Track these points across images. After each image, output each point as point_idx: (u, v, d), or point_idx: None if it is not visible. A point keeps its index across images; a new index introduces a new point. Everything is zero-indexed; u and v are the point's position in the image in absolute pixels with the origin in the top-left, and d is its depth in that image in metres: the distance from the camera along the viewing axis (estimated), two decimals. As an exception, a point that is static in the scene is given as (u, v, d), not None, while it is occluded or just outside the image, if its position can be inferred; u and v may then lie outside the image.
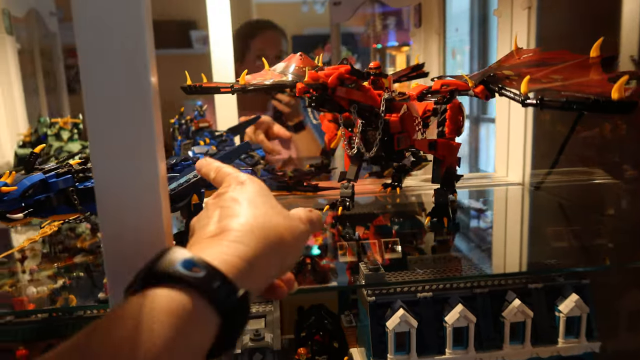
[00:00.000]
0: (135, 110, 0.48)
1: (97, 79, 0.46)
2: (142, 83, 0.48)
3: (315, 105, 0.76)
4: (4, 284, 0.90)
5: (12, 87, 1.55)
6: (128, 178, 0.51)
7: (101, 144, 0.48)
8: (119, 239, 0.53)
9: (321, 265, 0.96)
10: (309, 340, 1.01)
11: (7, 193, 0.60)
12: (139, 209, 0.52)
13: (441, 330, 0.88)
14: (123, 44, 0.46)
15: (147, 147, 0.50)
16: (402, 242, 0.95)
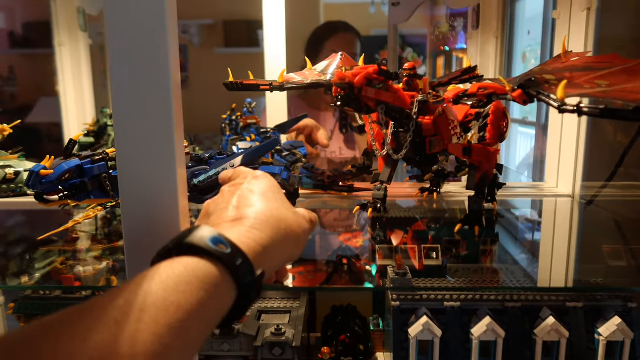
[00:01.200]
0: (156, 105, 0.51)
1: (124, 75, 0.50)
2: (163, 80, 0.51)
3: (341, 105, 0.76)
4: (54, 262, 0.97)
5: (83, 80, 1.66)
6: (148, 168, 0.54)
7: (125, 136, 0.52)
8: (138, 224, 0.56)
9: (358, 266, 0.96)
10: (334, 339, 1.01)
11: (46, 176, 0.65)
12: (157, 196, 0.55)
13: (467, 342, 0.85)
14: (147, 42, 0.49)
15: (166, 139, 0.53)
16: (436, 249, 0.93)
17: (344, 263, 0.96)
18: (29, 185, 0.65)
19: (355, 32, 1.98)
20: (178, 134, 0.56)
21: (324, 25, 2.06)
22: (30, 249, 1.00)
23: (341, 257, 0.97)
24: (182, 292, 0.36)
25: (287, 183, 0.97)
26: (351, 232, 1.10)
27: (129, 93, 0.51)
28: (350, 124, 1.86)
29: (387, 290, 0.92)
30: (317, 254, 0.99)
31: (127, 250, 0.57)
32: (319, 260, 0.97)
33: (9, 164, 0.90)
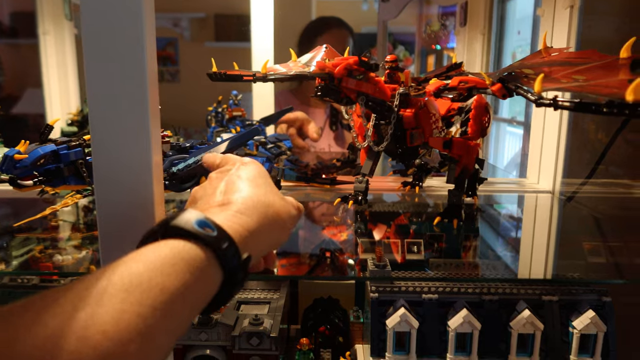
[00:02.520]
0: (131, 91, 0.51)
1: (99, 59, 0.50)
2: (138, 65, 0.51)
3: (320, 95, 0.76)
4: (33, 250, 0.96)
5: (67, 70, 1.65)
6: (123, 153, 0.54)
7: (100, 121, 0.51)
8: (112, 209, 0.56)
9: (340, 259, 0.96)
10: (313, 331, 1.01)
11: (20, 160, 0.64)
12: (132, 182, 0.55)
13: (444, 334, 0.86)
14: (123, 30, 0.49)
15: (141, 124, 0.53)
16: (417, 243, 0.93)
17: (327, 256, 0.96)
18: (2, 170, 0.64)
19: (348, 29, 1.98)
20: (154, 120, 0.55)
21: (317, 21, 2.06)
22: (6, 236, 0.99)
23: (324, 250, 0.98)
24: (167, 274, 0.35)
25: (270, 174, 0.97)
26: (335, 226, 1.10)
27: (104, 78, 0.51)
28: (340, 121, 1.86)
29: (366, 280, 0.92)
30: (300, 247, 1.00)
31: (101, 236, 0.57)
32: (302, 252, 0.97)
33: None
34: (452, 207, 0.88)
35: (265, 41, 1.54)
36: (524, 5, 3.35)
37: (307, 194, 1.13)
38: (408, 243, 0.95)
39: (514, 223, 1.11)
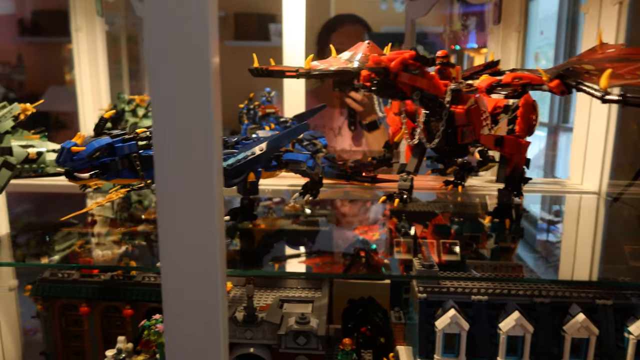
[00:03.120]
0: (195, 88, 0.50)
1: (162, 56, 0.49)
2: (203, 63, 0.50)
3: (375, 90, 0.74)
4: (73, 245, 0.96)
5: (98, 65, 1.65)
6: (185, 151, 0.53)
7: (163, 118, 0.50)
8: (173, 207, 0.55)
9: (376, 259, 0.94)
10: (355, 331, 0.99)
11: (77, 153, 0.63)
12: (194, 180, 0.54)
13: (495, 337, 0.84)
14: (188, 27, 0.48)
15: (205, 123, 0.52)
16: (460, 244, 0.92)
17: (362, 255, 0.95)
18: (60, 162, 0.64)
19: (363, 24, 1.95)
20: (217, 124, 0.54)
21: (332, 19, 2.04)
22: (49, 230, 0.99)
23: (358, 250, 0.96)
24: None
25: (312, 171, 0.96)
26: (369, 225, 1.08)
27: (167, 82, 0.50)
28: (360, 121, 1.84)
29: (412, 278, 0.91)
30: (334, 246, 0.98)
31: (161, 237, 0.56)
32: (336, 252, 0.95)
33: (31, 143, 0.89)
34: (503, 206, 0.86)
35: (297, 39, 1.53)
36: (548, 4, 3.31)
37: (346, 191, 1.12)
38: (449, 243, 0.93)
39: (560, 224, 1.08)
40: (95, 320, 1.02)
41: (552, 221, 1.11)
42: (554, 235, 1.03)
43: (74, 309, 1.02)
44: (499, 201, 0.87)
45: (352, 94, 1.76)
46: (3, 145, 0.85)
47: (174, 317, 0.59)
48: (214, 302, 0.58)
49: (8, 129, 0.85)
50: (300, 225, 1.03)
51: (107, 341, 1.04)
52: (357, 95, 1.74)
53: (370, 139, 1.82)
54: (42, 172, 0.91)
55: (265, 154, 0.81)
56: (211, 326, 0.59)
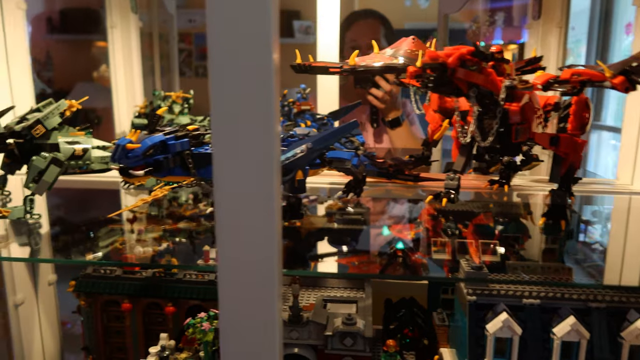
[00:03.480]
0: (257, 88, 0.49)
1: (224, 56, 0.47)
2: (265, 62, 0.48)
3: (432, 87, 0.72)
4: (115, 241, 0.96)
5: (133, 62, 1.66)
6: (246, 149, 0.51)
7: (222, 119, 0.49)
8: (231, 210, 0.54)
9: (413, 259, 0.92)
10: (398, 333, 0.97)
11: (132, 150, 0.63)
12: (254, 181, 0.52)
13: (548, 342, 0.81)
14: (249, 24, 0.47)
15: (266, 123, 0.50)
16: (504, 245, 0.89)
17: (398, 255, 0.93)
18: (115, 159, 0.63)
19: (378, 18, 1.88)
20: (277, 118, 0.53)
21: (348, 15, 2.00)
22: (93, 226, 0.99)
23: (395, 249, 0.94)
24: None
25: (356, 169, 0.94)
26: (406, 224, 1.06)
27: (228, 75, 0.49)
28: (382, 118, 1.81)
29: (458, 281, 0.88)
30: (371, 245, 0.97)
31: (218, 237, 0.55)
32: (372, 251, 0.94)
33: (77, 140, 0.89)
34: (558, 207, 0.83)
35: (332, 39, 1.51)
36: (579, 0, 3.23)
37: (387, 190, 1.10)
38: (496, 244, 0.91)
39: (610, 225, 1.04)
40: (136, 316, 1.02)
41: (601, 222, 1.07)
42: (604, 237, 0.99)
43: (115, 305, 1.03)
44: (552, 202, 0.84)
45: (373, 91, 1.72)
46: (51, 142, 0.85)
47: (230, 317, 0.58)
48: (271, 302, 0.57)
49: (55, 125, 0.85)
50: (338, 223, 1.02)
51: (148, 337, 1.04)
52: (379, 92, 1.71)
53: (393, 136, 1.78)
54: (87, 168, 0.91)
55: (314, 151, 0.79)
56: (268, 326, 0.58)
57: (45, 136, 0.85)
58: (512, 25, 2.77)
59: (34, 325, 1.28)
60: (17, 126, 0.83)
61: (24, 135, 0.83)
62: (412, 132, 1.79)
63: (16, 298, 1.21)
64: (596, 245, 0.94)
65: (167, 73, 2.17)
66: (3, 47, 1.14)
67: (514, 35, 2.59)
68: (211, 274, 1.03)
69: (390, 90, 1.67)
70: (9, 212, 0.81)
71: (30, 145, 0.84)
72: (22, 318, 1.24)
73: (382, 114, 1.78)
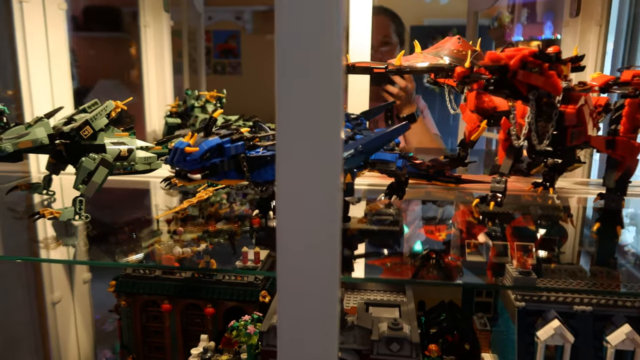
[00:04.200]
0: (324, 93, 0.48)
1: (291, 58, 0.47)
2: (333, 66, 0.47)
3: (493, 90, 0.70)
4: (154, 242, 0.96)
5: (164, 60, 1.66)
6: (310, 152, 0.51)
7: (288, 124, 0.48)
8: (294, 209, 0.53)
9: (447, 261, 0.91)
10: (439, 337, 0.96)
11: (190, 154, 0.62)
12: (317, 185, 0.52)
13: (600, 350, 0.79)
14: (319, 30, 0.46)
15: (333, 130, 0.50)
16: (546, 249, 0.87)
17: (432, 257, 0.91)
18: (173, 162, 0.63)
19: (388, 15, 1.85)
20: (341, 123, 0.52)
21: None
22: (136, 227, 0.99)
23: (429, 252, 0.93)
24: None
25: (400, 171, 0.93)
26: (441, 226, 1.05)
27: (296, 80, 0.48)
28: (397, 114, 1.78)
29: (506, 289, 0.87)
30: (405, 248, 0.95)
31: (279, 240, 0.54)
32: (405, 253, 0.92)
33: (122, 141, 0.89)
34: (612, 212, 0.81)
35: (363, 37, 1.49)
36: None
37: (427, 192, 1.08)
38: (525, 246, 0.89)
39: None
40: (175, 317, 1.02)
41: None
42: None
43: (155, 306, 1.03)
44: (606, 206, 0.82)
45: (387, 87, 1.70)
46: (97, 143, 0.85)
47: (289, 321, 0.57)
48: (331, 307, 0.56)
49: (102, 126, 0.85)
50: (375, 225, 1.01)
51: (187, 338, 1.04)
52: (394, 89, 1.69)
53: (407, 133, 1.76)
54: (131, 169, 0.91)
55: (364, 154, 0.78)
56: (328, 332, 0.57)
57: (92, 137, 0.85)
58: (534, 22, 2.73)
59: (69, 322, 1.29)
60: (66, 127, 0.83)
61: (72, 136, 0.83)
62: (426, 128, 1.77)
63: (53, 296, 1.22)
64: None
65: (194, 69, 2.17)
66: (45, 47, 1.14)
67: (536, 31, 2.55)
68: (249, 275, 1.03)
69: (405, 87, 1.65)
70: (60, 213, 0.81)
71: (77, 146, 0.84)
72: (59, 316, 1.25)
73: (397, 110, 1.76)
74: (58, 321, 1.25)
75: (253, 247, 0.89)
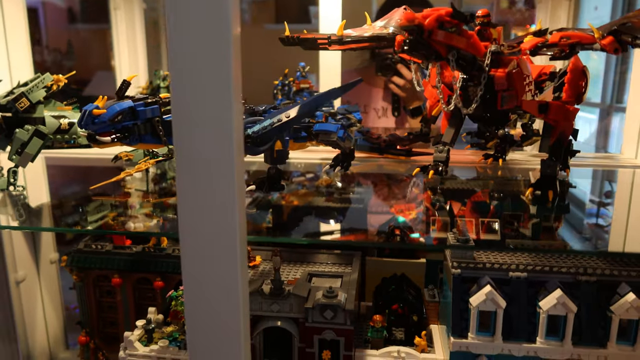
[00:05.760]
0: (215, 56, 0.49)
1: (182, 25, 0.47)
2: (222, 32, 0.48)
3: (408, 50, 0.70)
4: (106, 216, 0.97)
5: (137, 44, 1.66)
6: (204, 117, 0.51)
7: (181, 83, 0.49)
8: (192, 177, 0.54)
9: (410, 237, 0.91)
10: (386, 308, 0.96)
11: (98, 116, 0.62)
12: (213, 145, 0.52)
13: (534, 316, 0.79)
14: None
15: (224, 89, 0.50)
16: (501, 221, 0.86)
17: (397, 234, 0.91)
18: (82, 125, 0.63)
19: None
20: (236, 90, 0.52)
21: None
22: (82, 201, 1.00)
23: (393, 227, 0.92)
24: None
25: (342, 142, 0.93)
26: (407, 201, 1.04)
27: (188, 47, 0.49)
28: (404, 107, 1.78)
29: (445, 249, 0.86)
30: (370, 223, 0.95)
31: (179, 203, 0.55)
32: (371, 229, 0.92)
33: (63, 114, 0.90)
34: (546, 178, 0.80)
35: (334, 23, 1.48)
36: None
37: (379, 165, 1.08)
38: (487, 220, 0.88)
39: (610, 199, 1.00)
40: (127, 291, 1.03)
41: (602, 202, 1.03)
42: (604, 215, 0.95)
43: (106, 280, 1.04)
44: (542, 172, 0.81)
45: (394, 79, 1.70)
46: (36, 116, 0.86)
47: (194, 286, 0.58)
48: (233, 270, 0.56)
49: (40, 99, 0.86)
50: (334, 202, 1.00)
51: (140, 312, 1.05)
52: (400, 81, 1.68)
53: (414, 125, 1.76)
54: (74, 142, 0.91)
55: (294, 120, 0.78)
56: (231, 295, 0.57)
57: (31, 110, 0.85)
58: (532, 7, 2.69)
59: (36, 303, 1.31)
60: (3, 100, 0.84)
61: (9, 108, 0.84)
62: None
63: (17, 275, 1.24)
64: (593, 221, 0.90)
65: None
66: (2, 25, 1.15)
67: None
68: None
69: (412, 79, 1.64)
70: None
71: (16, 119, 0.85)
72: (24, 295, 1.26)
73: (403, 102, 1.76)
74: (23, 301, 1.26)
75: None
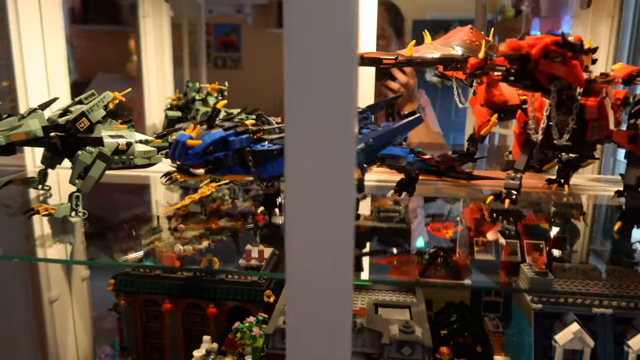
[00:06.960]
0: (337, 85, 0.44)
1: (301, 47, 0.43)
2: (347, 57, 0.44)
3: (514, 80, 0.66)
4: (154, 240, 0.92)
5: (164, 52, 1.62)
6: (322, 151, 0.47)
7: (298, 117, 0.45)
8: (304, 206, 0.49)
9: (454, 259, 0.87)
10: (451, 340, 0.93)
11: (192, 147, 0.58)
12: (329, 181, 0.48)
13: (621, 355, 0.76)
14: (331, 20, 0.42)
15: (346, 122, 0.46)
16: (559, 248, 0.84)
17: (440, 255, 0.88)
18: (175, 157, 0.59)
19: (387, 6, 1.79)
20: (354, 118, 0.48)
21: None
22: (135, 224, 0.95)
23: (436, 250, 0.89)
24: None
25: (410, 167, 0.89)
26: (448, 224, 1.01)
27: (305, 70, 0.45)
28: (398, 111, 1.74)
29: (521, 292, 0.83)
30: (412, 246, 0.92)
31: (287, 240, 0.51)
32: (412, 252, 0.89)
33: (120, 134, 0.85)
34: (634, 210, 0.77)
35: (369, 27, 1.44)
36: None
37: (437, 188, 1.04)
38: (536, 245, 0.85)
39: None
40: (176, 317, 0.99)
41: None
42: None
43: (155, 305, 0.99)
44: (627, 205, 0.78)
45: (388, 83, 1.65)
46: (94, 136, 0.81)
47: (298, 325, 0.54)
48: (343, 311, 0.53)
49: (99, 118, 0.82)
50: (381, 222, 0.97)
51: (187, 338, 1.01)
52: (395, 85, 1.64)
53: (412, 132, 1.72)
54: (130, 163, 0.87)
55: (374, 149, 0.74)
56: (339, 338, 0.54)
57: (89, 130, 0.81)
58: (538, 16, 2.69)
59: (67, 321, 1.26)
60: (61, 119, 0.80)
61: (67, 128, 0.79)
62: (427, 125, 1.73)
63: (51, 294, 1.19)
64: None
65: (194, 65, 2.13)
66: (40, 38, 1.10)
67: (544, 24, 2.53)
68: (253, 275, 1.00)
69: (407, 82, 1.60)
70: (56, 209, 0.78)
71: (73, 139, 0.80)
72: (57, 314, 1.21)
73: (397, 107, 1.72)
74: (56, 320, 1.22)
75: (257, 245, 0.85)
